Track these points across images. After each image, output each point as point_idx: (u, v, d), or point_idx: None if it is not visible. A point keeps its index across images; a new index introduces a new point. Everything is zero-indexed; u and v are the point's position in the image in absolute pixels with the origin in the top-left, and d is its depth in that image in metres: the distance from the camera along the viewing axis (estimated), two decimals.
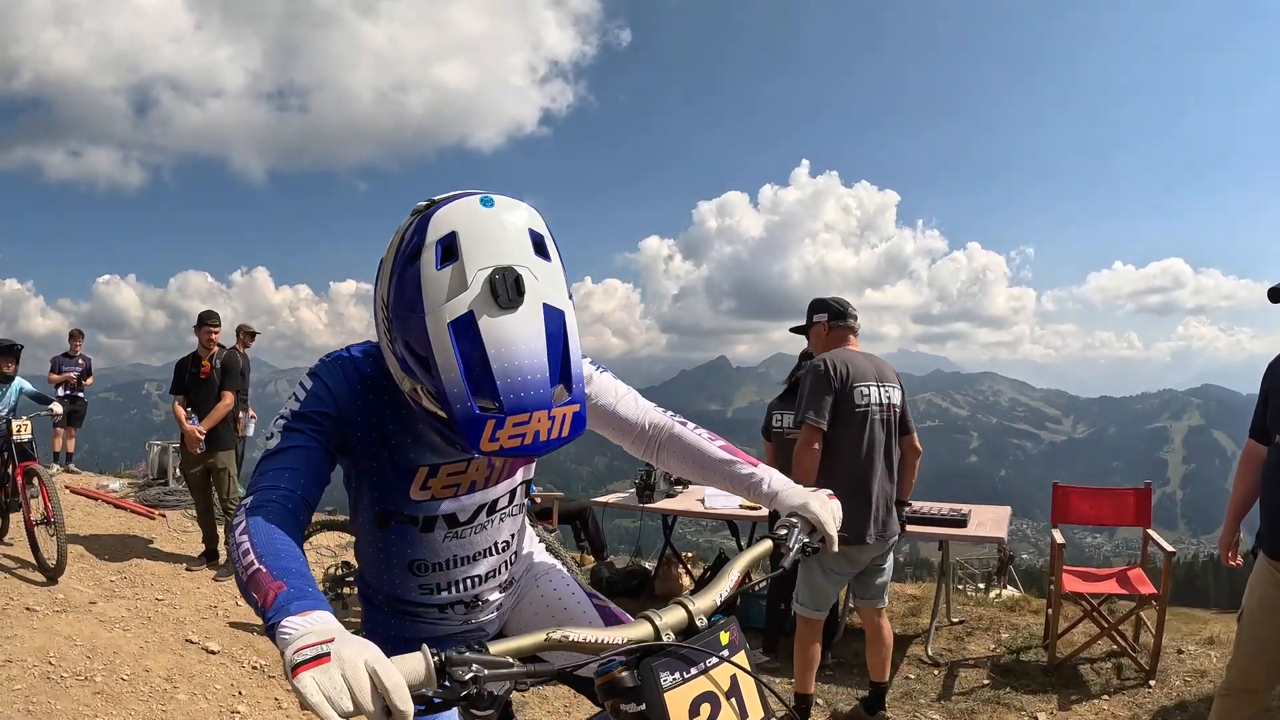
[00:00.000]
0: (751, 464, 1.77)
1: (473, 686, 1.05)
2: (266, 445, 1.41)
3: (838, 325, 3.99)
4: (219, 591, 6.13)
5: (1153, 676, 4.63)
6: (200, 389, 6.72)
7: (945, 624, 5.69)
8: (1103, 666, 4.84)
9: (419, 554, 1.66)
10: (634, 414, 1.83)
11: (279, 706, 4.39)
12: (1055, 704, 4.42)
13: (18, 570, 6.10)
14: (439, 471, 1.58)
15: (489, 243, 1.21)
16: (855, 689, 4.63)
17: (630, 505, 6.61)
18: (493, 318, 1.17)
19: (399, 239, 1.30)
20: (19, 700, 4.11)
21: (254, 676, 4.74)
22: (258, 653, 5.09)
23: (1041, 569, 34.23)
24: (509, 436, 1.19)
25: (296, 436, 1.41)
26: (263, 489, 1.33)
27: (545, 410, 1.20)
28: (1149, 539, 5.09)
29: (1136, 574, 5.00)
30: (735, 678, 1.27)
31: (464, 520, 1.65)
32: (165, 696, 4.37)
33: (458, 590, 1.71)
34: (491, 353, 1.16)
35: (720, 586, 1.37)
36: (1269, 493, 3.04)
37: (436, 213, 1.25)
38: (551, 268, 1.25)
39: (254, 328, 9.54)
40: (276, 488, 1.33)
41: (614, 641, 1.21)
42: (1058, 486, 5.33)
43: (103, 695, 4.29)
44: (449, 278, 1.19)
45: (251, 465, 4.40)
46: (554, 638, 1.18)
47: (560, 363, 1.22)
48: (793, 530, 1.57)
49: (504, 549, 1.76)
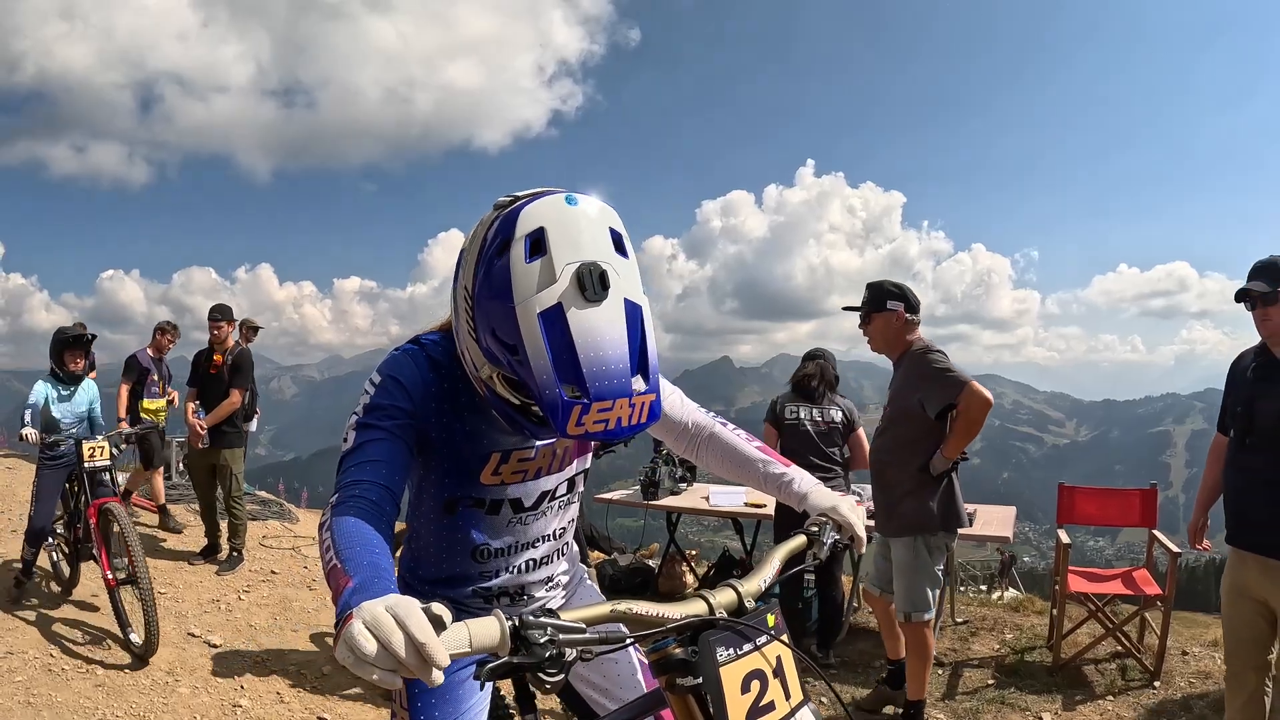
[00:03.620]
0: (784, 464, 1.87)
1: (551, 649, 1.06)
2: (343, 446, 1.43)
3: (912, 319, 3.91)
4: (221, 586, 6.11)
5: (1157, 678, 4.60)
6: (209, 385, 6.66)
7: (950, 624, 5.66)
8: (1107, 667, 4.82)
9: (484, 539, 1.70)
10: (679, 413, 1.94)
11: (280, 700, 4.38)
12: (1060, 704, 4.40)
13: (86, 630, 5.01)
14: (510, 457, 1.63)
15: (575, 239, 1.28)
16: (861, 687, 4.61)
17: (634, 502, 6.58)
18: (580, 310, 1.23)
19: (484, 231, 1.36)
20: (20, 692, 4.12)
21: (256, 670, 4.73)
22: (260, 647, 5.10)
23: (1043, 571, 34.20)
24: (594, 421, 1.25)
25: (372, 432, 1.44)
26: (345, 485, 1.36)
27: (626, 398, 1.26)
28: (1154, 540, 5.07)
29: (1142, 575, 4.98)
30: (780, 658, 1.32)
31: (528, 506, 1.71)
32: (167, 689, 4.37)
33: (513, 573, 1.76)
34: (579, 343, 1.22)
35: (764, 573, 1.45)
36: (1226, 483, 3.33)
37: (525, 209, 1.31)
38: (629, 264, 1.31)
39: (258, 322, 9.48)
40: (359, 483, 1.35)
41: (673, 616, 1.24)
42: (1063, 487, 5.31)
43: (104, 688, 4.29)
44: (538, 271, 1.25)
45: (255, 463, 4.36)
46: (618, 610, 1.22)
47: (639, 354, 1.28)
48: (824, 528, 1.67)
49: (559, 536, 1.83)
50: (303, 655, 5.05)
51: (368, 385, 1.52)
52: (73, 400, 5.46)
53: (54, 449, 5.26)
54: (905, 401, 3.88)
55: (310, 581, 6.50)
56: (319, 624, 5.61)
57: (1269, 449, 3.09)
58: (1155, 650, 4.72)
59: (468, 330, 1.39)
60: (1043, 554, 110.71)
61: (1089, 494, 5.34)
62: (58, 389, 5.40)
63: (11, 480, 8.89)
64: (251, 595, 5.99)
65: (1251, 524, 3.19)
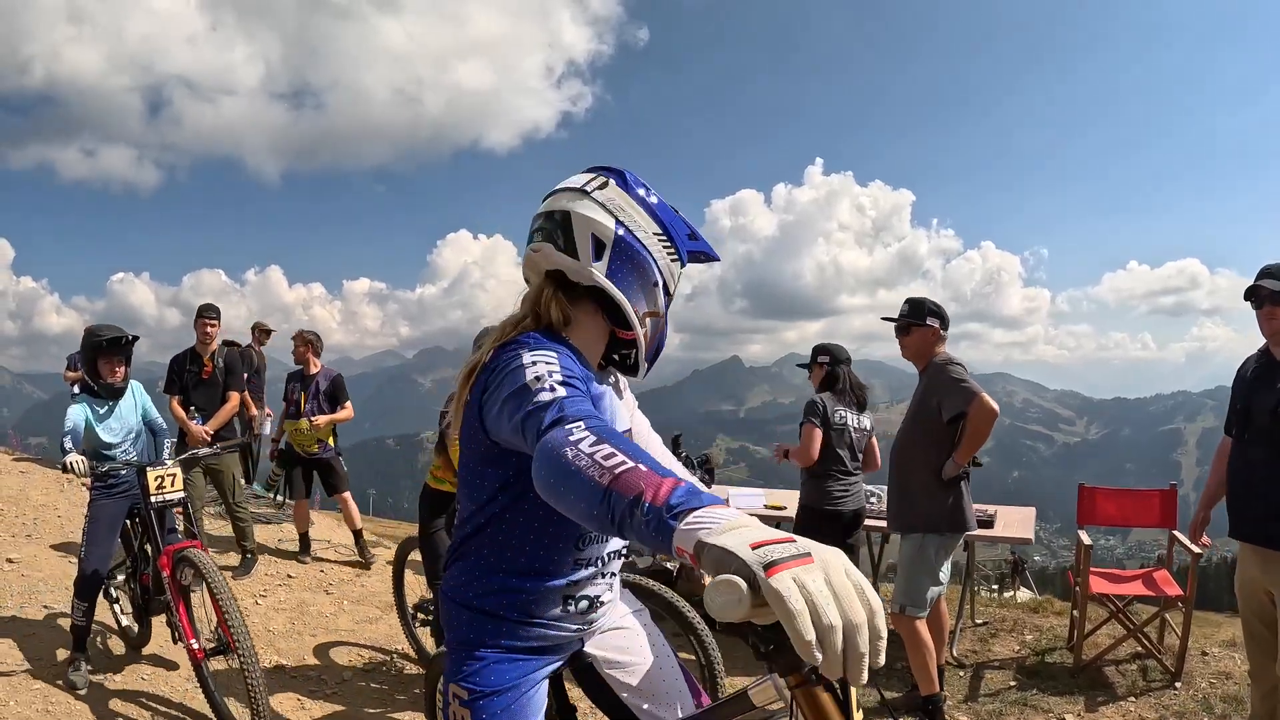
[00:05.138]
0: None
1: None
2: (536, 398, 1.37)
3: (943, 334, 4.30)
4: (237, 590, 6.07)
5: (1178, 678, 4.59)
6: (204, 389, 6.44)
7: (969, 625, 5.64)
8: (1128, 668, 4.79)
9: None
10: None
11: (301, 707, 4.37)
12: (1082, 706, 4.38)
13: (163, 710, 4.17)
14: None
15: None
16: (892, 691, 4.58)
17: None
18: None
19: (638, 193, 1.69)
20: (38, 700, 4.11)
21: (275, 675, 4.71)
22: (277, 651, 5.09)
23: (1054, 571, 34.05)
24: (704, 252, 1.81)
25: (575, 389, 1.40)
26: (585, 416, 1.29)
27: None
28: (1174, 540, 5.04)
29: (1162, 575, 4.95)
30: None
31: None
32: (185, 695, 4.36)
33: (597, 566, 1.73)
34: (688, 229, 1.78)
35: None
36: (1229, 478, 3.52)
37: (629, 174, 1.69)
38: None
39: (270, 325, 9.49)
40: (596, 415, 1.30)
41: None
42: (1084, 488, 5.29)
43: (121, 695, 4.29)
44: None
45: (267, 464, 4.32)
46: None
47: None
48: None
49: None
50: (322, 661, 5.04)
51: (524, 360, 1.47)
52: (117, 414, 4.43)
53: (106, 479, 4.27)
54: (926, 407, 4.18)
55: (327, 585, 6.50)
56: (337, 628, 5.60)
57: (1265, 442, 3.28)
58: (1175, 651, 4.70)
59: (658, 269, 1.68)
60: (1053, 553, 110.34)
61: (1109, 495, 5.31)
62: (95, 407, 4.35)
63: (25, 484, 8.92)
64: (268, 600, 5.99)
65: (1250, 516, 3.39)
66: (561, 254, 1.63)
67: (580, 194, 1.65)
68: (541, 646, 1.70)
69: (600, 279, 1.62)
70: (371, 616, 5.89)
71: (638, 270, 1.66)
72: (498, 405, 1.46)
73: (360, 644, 5.37)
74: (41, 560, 6.26)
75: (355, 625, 5.69)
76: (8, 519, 7.43)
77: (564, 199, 1.66)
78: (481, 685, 1.63)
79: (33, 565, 6.09)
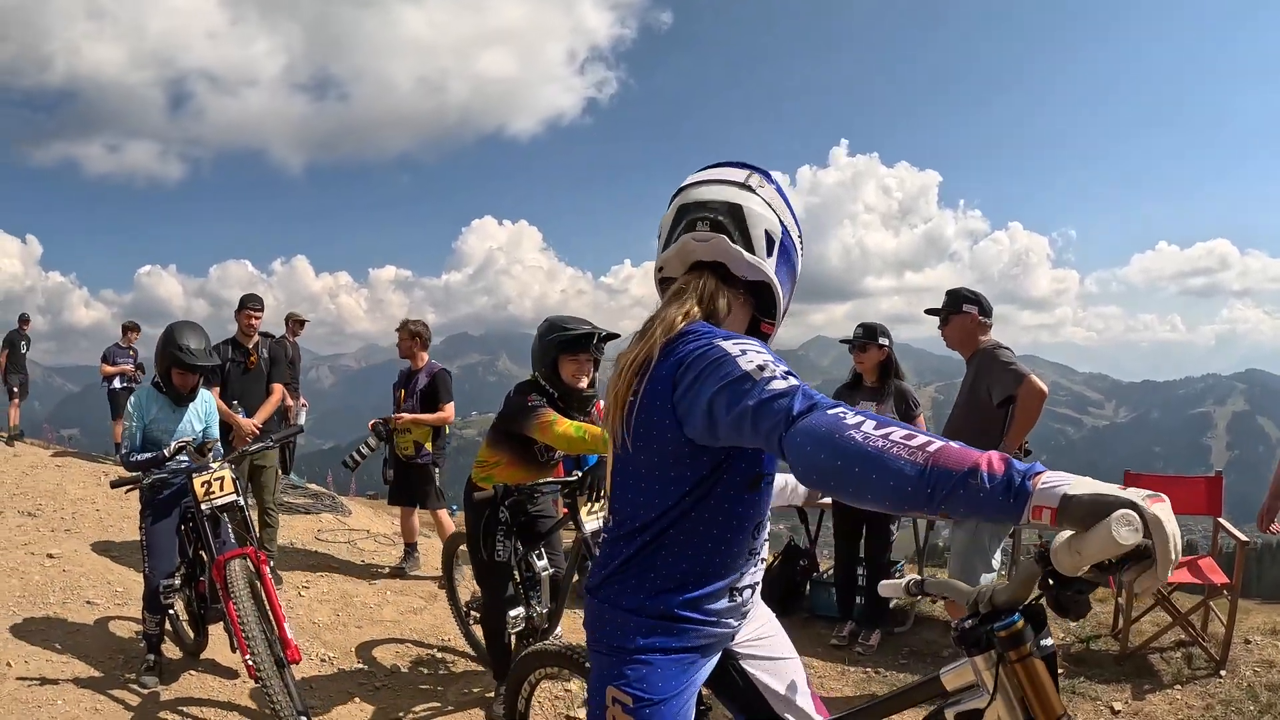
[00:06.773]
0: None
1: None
2: (769, 386, 1.37)
3: (985, 321, 4.31)
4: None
5: (1223, 666, 4.55)
6: (247, 381, 6.30)
7: None
8: (1172, 656, 4.76)
9: (762, 511, 1.71)
10: None
11: (351, 698, 4.38)
12: (1129, 694, 4.36)
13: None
14: None
15: None
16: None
17: None
18: None
19: (776, 197, 1.71)
20: (86, 699, 4.05)
21: (324, 668, 4.77)
22: (324, 644, 5.11)
23: None
24: None
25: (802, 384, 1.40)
26: (828, 398, 1.35)
27: None
28: (1220, 528, 5.01)
29: (1208, 563, 4.91)
30: None
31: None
32: (234, 692, 4.33)
33: (758, 553, 1.74)
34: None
35: None
36: None
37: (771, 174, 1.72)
38: None
39: (303, 315, 9.47)
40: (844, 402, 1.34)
41: None
42: (1129, 475, 5.26)
43: (174, 702, 4.19)
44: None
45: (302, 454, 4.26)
46: None
47: None
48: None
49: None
50: (369, 654, 5.05)
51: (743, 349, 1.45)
52: (177, 417, 4.31)
53: (154, 484, 4.11)
54: (977, 393, 4.23)
55: (370, 576, 6.56)
56: (382, 619, 5.63)
57: None
58: (1220, 639, 4.67)
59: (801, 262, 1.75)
60: None
61: (1154, 482, 5.26)
62: (161, 402, 4.26)
63: (62, 479, 9.07)
64: (311, 591, 6.04)
65: None
66: (737, 247, 1.63)
67: (745, 189, 1.67)
68: (704, 645, 1.70)
69: (772, 276, 1.67)
70: (416, 607, 5.91)
71: (790, 269, 1.72)
72: (706, 397, 1.42)
73: (406, 638, 5.35)
74: (82, 555, 6.27)
75: (400, 616, 5.72)
76: (46, 514, 7.52)
77: (729, 192, 1.66)
78: (649, 693, 1.63)
79: (73, 560, 6.08)
